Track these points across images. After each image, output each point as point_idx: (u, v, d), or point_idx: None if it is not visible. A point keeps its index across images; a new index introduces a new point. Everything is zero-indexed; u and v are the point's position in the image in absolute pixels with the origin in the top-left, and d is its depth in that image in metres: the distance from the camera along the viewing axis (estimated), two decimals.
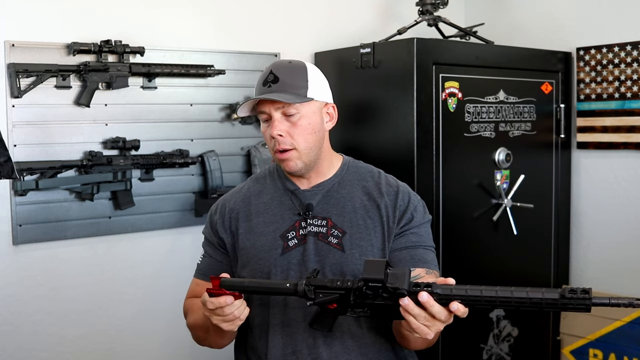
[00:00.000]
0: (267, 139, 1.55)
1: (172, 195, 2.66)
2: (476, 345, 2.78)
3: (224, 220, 1.63)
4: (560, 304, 1.19)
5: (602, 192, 3.00)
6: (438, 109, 2.55)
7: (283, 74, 1.52)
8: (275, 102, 1.50)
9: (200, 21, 2.72)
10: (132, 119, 2.55)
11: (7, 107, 2.31)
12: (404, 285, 1.27)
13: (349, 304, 1.35)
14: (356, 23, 3.11)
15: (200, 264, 1.68)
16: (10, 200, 2.34)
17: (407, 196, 1.59)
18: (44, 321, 2.43)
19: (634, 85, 2.83)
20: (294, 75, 1.53)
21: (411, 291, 1.27)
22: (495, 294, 1.25)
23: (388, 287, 1.28)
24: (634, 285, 2.86)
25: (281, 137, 1.51)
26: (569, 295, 1.18)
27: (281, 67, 1.55)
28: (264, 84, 1.53)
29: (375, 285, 1.29)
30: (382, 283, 1.28)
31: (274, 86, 1.51)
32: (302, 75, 1.54)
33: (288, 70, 1.54)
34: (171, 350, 2.69)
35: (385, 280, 1.28)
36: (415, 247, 1.55)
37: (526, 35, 3.15)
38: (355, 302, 1.34)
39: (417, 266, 1.52)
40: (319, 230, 1.54)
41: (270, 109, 1.51)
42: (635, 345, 2.77)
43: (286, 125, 1.51)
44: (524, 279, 2.91)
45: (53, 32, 2.39)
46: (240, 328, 1.51)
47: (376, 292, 1.30)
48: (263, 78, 1.55)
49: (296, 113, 1.51)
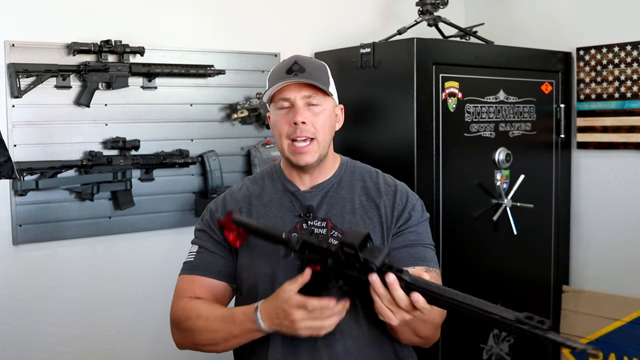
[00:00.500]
0: (281, 126, 1.52)
1: (172, 195, 2.66)
2: (476, 345, 2.78)
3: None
4: (515, 327, 1.16)
5: (602, 192, 3.00)
6: (438, 109, 2.55)
7: (308, 66, 1.53)
8: (301, 90, 1.50)
9: (200, 21, 2.72)
10: (132, 119, 2.55)
11: (7, 107, 2.31)
12: (375, 261, 1.28)
13: (327, 268, 1.35)
14: (356, 23, 3.11)
15: (194, 260, 1.61)
16: (10, 200, 2.34)
17: (405, 195, 1.59)
18: (44, 321, 2.43)
19: (634, 85, 2.83)
20: (319, 70, 1.55)
21: (381, 269, 1.29)
22: (456, 298, 1.22)
23: (360, 257, 1.29)
24: (634, 285, 2.86)
25: (304, 124, 1.50)
26: (525, 320, 1.14)
27: (306, 60, 1.55)
28: (288, 72, 1.51)
29: (349, 252, 1.30)
30: (355, 250, 1.29)
31: (301, 75, 1.50)
32: (324, 73, 1.57)
33: (313, 64, 1.55)
34: (171, 350, 2.69)
35: (358, 249, 1.28)
36: (414, 246, 1.55)
37: (526, 35, 3.15)
38: (333, 269, 1.34)
39: (416, 264, 1.51)
40: (319, 232, 1.54)
41: (296, 96, 1.51)
42: (635, 345, 2.77)
43: (309, 114, 1.51)
44: (524, 279, 2.92)
45: (53, 32, 2.39)
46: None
47: (349, 260, 1.31)
48: (286, 67, 1.52)
49: (319, 104, 1.52)
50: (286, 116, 1.52)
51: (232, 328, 1.46)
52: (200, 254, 1.61)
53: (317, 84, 1.50)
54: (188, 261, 1.62)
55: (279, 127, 1.53)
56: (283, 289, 1.38)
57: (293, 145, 1.51)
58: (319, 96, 1.52)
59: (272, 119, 1.56)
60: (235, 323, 1.46)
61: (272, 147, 2.77)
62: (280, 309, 1.36)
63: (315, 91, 1.52)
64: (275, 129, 1.56)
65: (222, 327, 1.48)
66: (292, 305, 1.34)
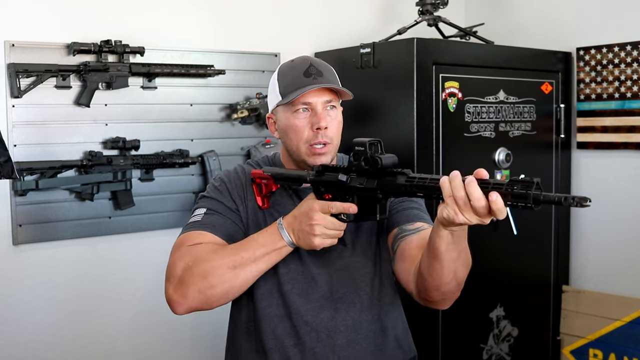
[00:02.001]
0: (301, 131, 1.50)
1: (172, 195, 2.65)
2: (476, 345, 2.78)
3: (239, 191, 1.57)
4: (505, 189, 1.15)
5: (602, 192, 3.00)
6: (438, 109, 2.55)
7: (324, 69, 1.54)
8: (321, 94, 1.51)
9: (200, 21, 2.72)
10: (132, 119, 2.55)
11: (7, 107, 2.31)
12: (381, 157, 1.36)
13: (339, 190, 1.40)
14: (356, 23, 3.11)
15: (203, 219, 1.51)
16: (10, 200, 2.34)
17: None
18: (44, 321, 2.43)
19: (634, 85, 2.83)
20: (332, 74, 1.57)
21: (385, 164, 1.35)
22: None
23: (367, 154, 1.36)
24: (634, 285, 2.86)
25: (326, 129, 1.51)
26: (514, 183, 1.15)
27: (320, 64, 1.55)
28: (305, 74, 1.51)
29: (359, 151, 1.38)
30: (364, 147, 1.36)
31: (320, 79, 1.51)
32: (335, 75, 1.58)
33: (327, 68, 1.56)
34: (171, 350, 2.69)
35: (367, 147, 1.37)
36: (412, 209, 1.57)
37: (526, 35, 3.15)
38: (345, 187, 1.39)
39: (416, 220, 1.54)
40: None
41: (317, 100, 1.51)
42: (635, 345, 2.77)
43: (329, 119, 1.52)
44: (524, 279, 2.92)
45: (53, 32, 2.39)
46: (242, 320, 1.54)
47: (359, 160, 1.37)
48: (302, 69, 1.52)
49: (336, 109, 1.54)
50: (306, 121, 1.51)
51: (254, 249, 1.41)
52: (209, 215, 1.52)
53: (344, 90, 1.52)
54: (194, 221, 1.53)
55: (298, 132, 1.51)
56: (307, 199, 1.44)
57: (312, 147, 1.51)
58: (336, 100, 1.54)
59: (287, 121, 1.53)
60: (257, 242, 1.42)
61: (272, 147, 2.77)
62: (304, 213, 1.39)
63: (334, 96, 1.53)
64: (291, 132, 1.52)
65: (240, 255, 1.41)
66: (315, 209, 1.38)
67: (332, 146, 1.53)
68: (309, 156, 1.52)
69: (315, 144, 1.51)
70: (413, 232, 1.51)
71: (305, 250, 1.49)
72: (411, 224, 1.53)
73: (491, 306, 2.80)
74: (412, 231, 1.51)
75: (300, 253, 1.52)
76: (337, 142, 1.56)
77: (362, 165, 1.37)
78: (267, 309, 1.53)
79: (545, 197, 1.10)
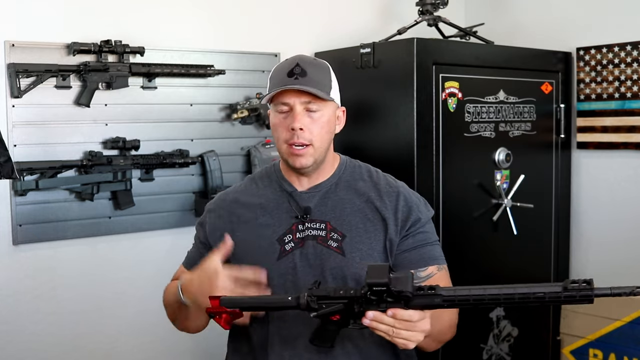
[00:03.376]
0: (280, 130, 1.51)
1: (172, 195, 2.65)
2: (476, 345, 2.78)
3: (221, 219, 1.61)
4: (564, 296, 1.19)
5: (602, 192, 3.00)
6: (438, 109, 2.55)
7: (310, 69, 1.51)
8: (300, 95, 1.49)
9: (200, 21, 2.72)
10: (132, 119, 2.55)
11: (7, 107, 2.31)
12: (407, 288, 1.26)
13: (353, 313, 1.33)
14: (356, 23, 3.10)
15: (189, 253, 1.70)
16: (10, 200, 2.34)
17: (408, 197, 1.58)
18: (44, 321, 2.43)
19: (634, 85, 2.83)
20: (321, 73, 1.53)
21: (416, 294, 1.27)
22: (499, 292, 1.24)
23: (392, 291, 1.26)
24: (634, 285, 2.86)
25: (302, 130, 1.48)
26: (571, 287, 1.18)
27: (308, 62, 1.52)
28: (289, 74, 1.49)
29: (379, 290, 1.27)
30: (386, 287, 1.26)
31: (302, 79, 1.48)
32: (327, 75, 1.55)
33: (315, 67, 1.53)
34: (171, 350, 2.69)
35: (389, 284, 1.26)
36: (423, 246, 1.56)
37: (526, 35, 3.15)
38: (359, 312, 1.32)
39: (427, 264, 1.54)
40: (318, 234, 1.53)
41: (295, 101, 1.49)
42: (635, 345, 2.77)
43: (307, 120, 1.50)
44: (524, 279, 2.89)
45: (53, 32, 2.39)
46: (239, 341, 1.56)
47: (380, 297, 1.28)
48: (288, 69, 1.50)
49: (318, 110, 1.51)
50: (285, 120, 1.51)
51: (171, 299, 1.58)
52: (193, 247, 1.70)
53: (316, 92, 1.48)
54: (188, 252, 1.72)
55: (278, 131, 1.53)
56: (210, 260, 1.44)
57: (290, 147, 1.50)
58: (319, 102, 1.51)
59: (272, 120, 1.56)
60: (172, 293, 1.57)
61: (272, 147, 2.77)
62: (205, 277, 1.42)
63: (314, 97, 1.50)
64: (274, 131, 1.55)
65: (166, 299, 1.63)
66: (219, 275, 1.40)
67: (313, 148, 1.51)
68: (288, 156, 1.52)
69: (293, 144, 1.50)
70: (423, 279, 1.53)
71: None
72: (423, 269, 1.54)
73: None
74: (422, 279, 1.53)
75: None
76: (321, 144, 1.52)
77: (386, 302, 1.29)
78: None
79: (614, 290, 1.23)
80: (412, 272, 1.33)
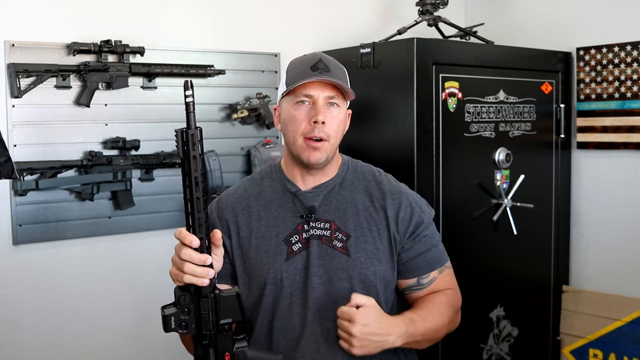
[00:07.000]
0: (298, 123, 1.50)
1: (172, 195, 2.66)
2: (476, 345, 2.78)
3: (222, 222, 1.59)
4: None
5: (602, 192, 3.00)
6: (438, 109, 2.55)
7: (332, 66, 1.52)
8: (325, 89, 1.49)
9: (200, 21, 2.72)
10: (132, 119, 2.55)
11: (7, 107, 2.31)
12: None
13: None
14: (356, 23, 3.11)
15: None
16: (10, 200, 2.34)
17: (411, 198, 1.60)
18: (44, 321, 2.43)
19: (634, 85, 2.83)
20: (341, 72, 1.56)
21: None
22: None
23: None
24: (634, 285, 2.86)
25: (324, 124, 1.48)
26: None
27: (329, 60, 1.54)
28: (312, 68, 1.49)
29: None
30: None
31: (326, 74, 1.49)
32: (345, 75, 1.57)
33: (335, 65, 1.54)
34: (171, 350, 2.69)
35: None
36: (428, 250, 1.59)
37: (526, 35, 3.15)
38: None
39: (433, 268, 1.58)
40: (322, 234, 1.53)
41: (320, 94, 1.49)
42: (635, 345, 2.77)
43: (328, 115, 1.50)
44: (524, 279, 2.92)
45: (53, 32, 2.39)
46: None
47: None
48: (311, 63, 1.51)
49: (338, 107, 1.52)
50: (306, 113, 1.50)
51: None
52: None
53: (345, 86, 1.50)
54: None
55: (296, 123, 1.50)
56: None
57: (307, 141, 1.49)
58: (340, 99, 1.52)
59: (288, 112, 1.52)
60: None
61: (272, 147, 2.77)
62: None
63: (338, 93, 1.51)
64: (289, 123, 1.52)
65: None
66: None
67: (329, 144, 1.50)
68: (303, 150, 1.50)
69: (311, 138, 1.49)
70: (426, 285, 1.57)
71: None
72: (427, 275, 1.58)
73: (491, 306, 2.80)
74: (425, 285, 1.57)
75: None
76: (335, 142, 1.53)
77: None
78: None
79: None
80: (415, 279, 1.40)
